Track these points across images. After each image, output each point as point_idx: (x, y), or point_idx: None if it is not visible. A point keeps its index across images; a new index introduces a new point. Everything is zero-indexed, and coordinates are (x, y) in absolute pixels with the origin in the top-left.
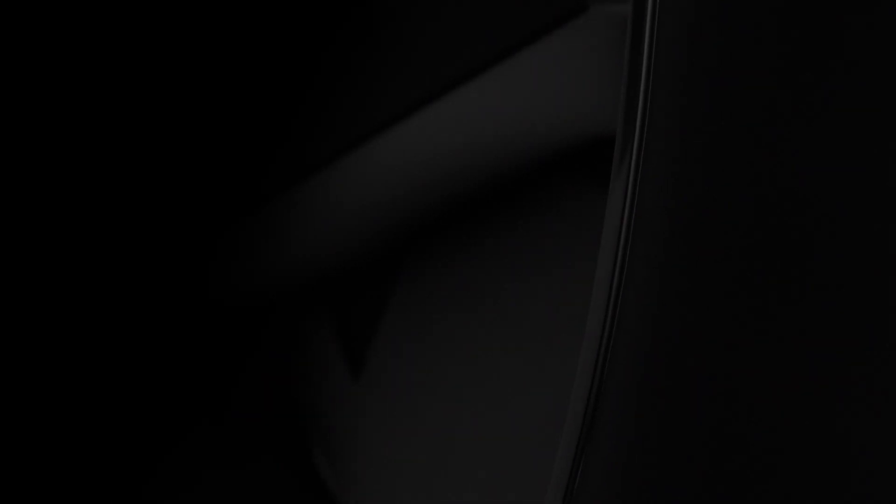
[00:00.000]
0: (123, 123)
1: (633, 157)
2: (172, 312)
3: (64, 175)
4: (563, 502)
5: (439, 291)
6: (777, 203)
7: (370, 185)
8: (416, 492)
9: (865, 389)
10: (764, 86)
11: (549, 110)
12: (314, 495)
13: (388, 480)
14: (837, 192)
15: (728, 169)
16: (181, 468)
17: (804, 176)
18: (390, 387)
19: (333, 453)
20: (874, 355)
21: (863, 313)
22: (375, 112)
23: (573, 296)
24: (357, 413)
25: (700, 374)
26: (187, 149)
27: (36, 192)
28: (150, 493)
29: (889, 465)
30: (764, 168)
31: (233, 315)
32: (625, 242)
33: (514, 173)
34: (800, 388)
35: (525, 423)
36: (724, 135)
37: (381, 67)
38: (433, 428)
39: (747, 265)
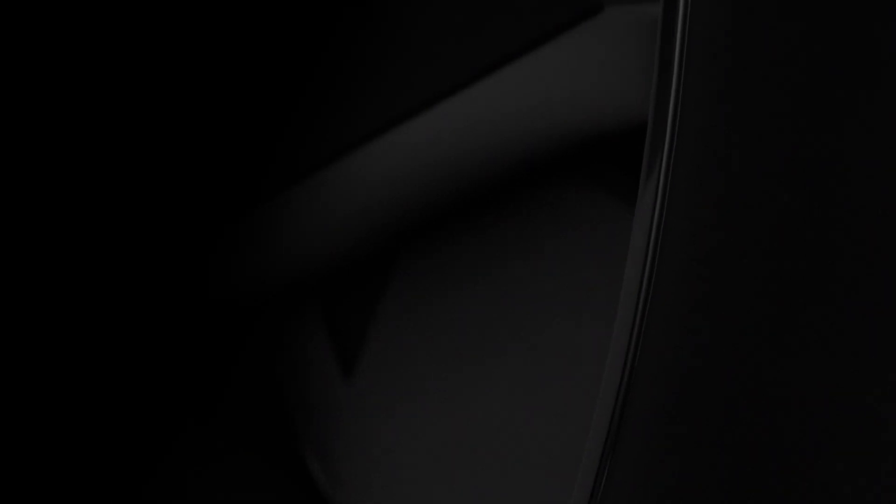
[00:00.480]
0: (121, 123)
1: (664, 161)
2: (163, 311)
3: (62, 173)
4: None
5: (432, 291)
6: (810, 206)
7: (368, 184)
8: (410, 492)
9: None
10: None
11: (561, 112)
12: (307, 496)
13: (381, 481)
14: (873, 196)
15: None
16: (170, 469)
17: (838, 179)
18: (382, 387)
19: (325, 453)
20: None
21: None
22: (380, 111)
23: (571, 296)
24: (349, 413)
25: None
26: (183, 149)
27: (34, 190)
28: (141, 494)
29: None
30: (797, 171)
31: (224, 314)
32: (654, 245)
33: (519, 174)
34: (830, 397)
35: (520, 424)
36: (757, 135)
37: (389, 65)
38: (425, 428)
39: (778, 271)
